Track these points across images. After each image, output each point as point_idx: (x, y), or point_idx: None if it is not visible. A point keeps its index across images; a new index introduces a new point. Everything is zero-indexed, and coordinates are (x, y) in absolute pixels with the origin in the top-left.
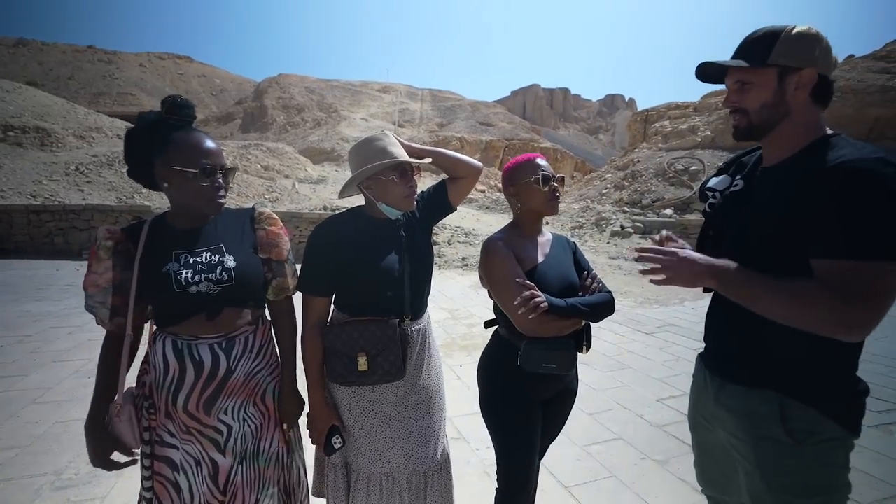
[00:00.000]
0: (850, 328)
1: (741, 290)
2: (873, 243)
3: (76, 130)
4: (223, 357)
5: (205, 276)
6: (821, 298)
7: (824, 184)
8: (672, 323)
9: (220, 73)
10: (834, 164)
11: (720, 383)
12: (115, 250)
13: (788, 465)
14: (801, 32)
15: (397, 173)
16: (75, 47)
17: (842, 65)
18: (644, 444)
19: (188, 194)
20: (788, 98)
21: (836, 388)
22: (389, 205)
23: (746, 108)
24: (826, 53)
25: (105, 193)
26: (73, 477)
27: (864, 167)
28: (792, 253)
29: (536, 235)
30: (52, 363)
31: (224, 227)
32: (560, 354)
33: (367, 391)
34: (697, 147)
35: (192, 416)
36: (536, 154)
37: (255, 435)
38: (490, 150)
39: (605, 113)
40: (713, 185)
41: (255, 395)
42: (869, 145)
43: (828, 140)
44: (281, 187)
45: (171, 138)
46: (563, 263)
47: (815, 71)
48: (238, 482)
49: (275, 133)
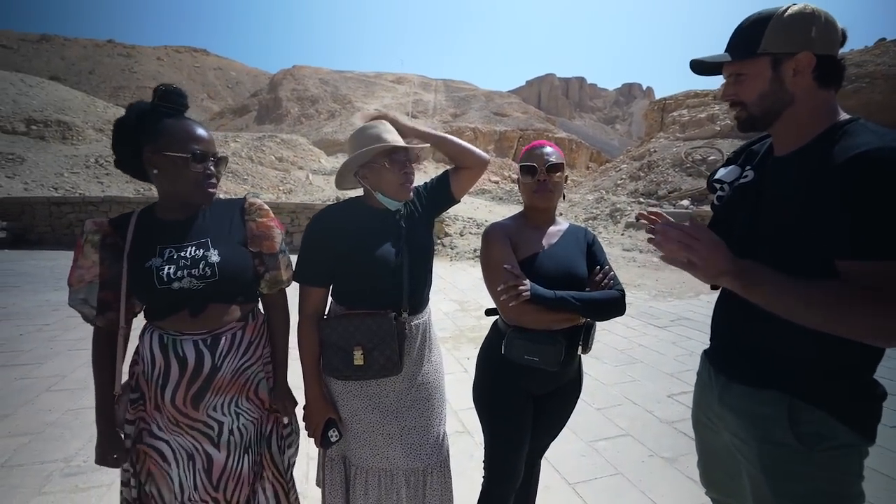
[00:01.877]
0: (892, 335)
1: (765, 298)
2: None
3: (96, 124)
4: (207, 354)
5: (188, 272)
6: (860, 305)
7: (845, 177)
8: (686, 317)
9: (235, 66)
10: (854, 154)
11: (725, 382)
12: (103, 244)
13: (796, 471)
14: (792, 14)
15: (388, 160)
16: (95, 42)
17: (872, 49)
18: (652, 441)
19: (178, 181)
20: (788, 85)
21: (849, 391)
22: (385, 194)
23: (744, 101)
24: (825, 31)
25: (123, 185)
26: (82, 464)
27: (889, 156)
28: (807, 250)
29: (546, 226)
30: (67, 352)
31: (212, 219)
32: (545, 348)
33: (364, 385)
34: (717, 136)
35: (181, 410)
36: (542, 142)
37: (257, 425)
38: (504, 140)
39: (621, 102)
40: (721, 176)
41: (247, 389)
42: (891, 131)
43: (844, 126)
44: (295, 179)
45: (161, 125)
46: (570, 255)
47: (811, 53)
48: (244, 472)
49: (289, 125)
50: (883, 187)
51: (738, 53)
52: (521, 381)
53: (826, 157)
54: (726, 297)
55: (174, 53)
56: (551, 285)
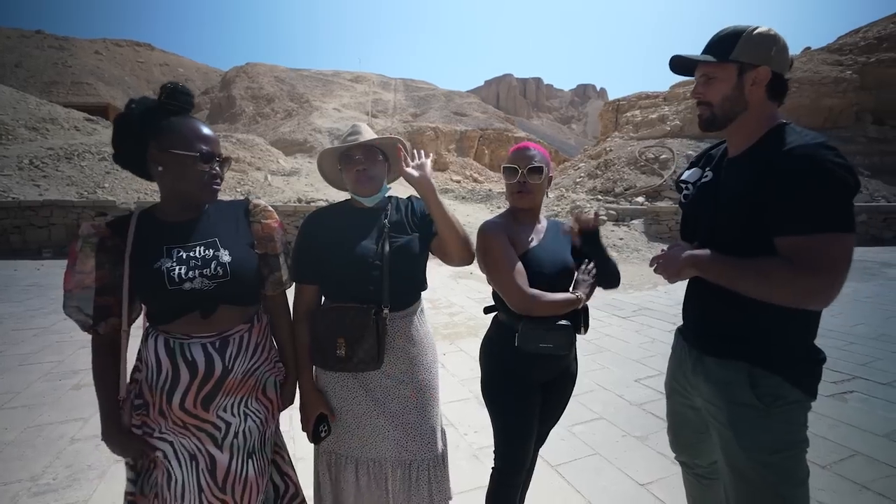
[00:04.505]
0: (813, 296)
1: (719, 276)
2: (822, 218)
3: (28, 122)
4: (217, 357)
5: (199, 272)
6: (784, 273)
7: (777, 169)
8: (647, 307)
9: (183, 62)
10: (784, 150)
11: (698, 355)
12: (101, 247)
13: (757, 425)
14: (760, 33)
15: (342, 161)
16: (22, 31)
17: (799, 57)
18: (624, 423)
19: (183, 180)
20: (746, 92)
21: (797, 358)
22: (352, 192)
23: (710, 101)
24: (781, 53)
25: (64, 188)
26: (52, 482)
27: (808, 152)
28: (756, 233)
29: (534, 222)
30: (18, 367)
31: (217, 219)
32: (557, 334)
33: (348, 377)
34: (667, 136)
35: (190, 412)
36: (528, 143)
37: (261, 429)
38: (465, 140)
39: (577, 103)
40: (686, 177)
41: (256, 389)
42: (811, 132)
43: (779, 129)
44: (253, 180)
45: (169, 122)
46: (561, 247)
47: (769, 69)
48: (251, 476)
49: (244, 124)
50: (803, 175)
51: (717, 55)
52: (530, 371)
53: (765, 153)
54: (695, 283)
55: (114, 47)
56: (548, 275)
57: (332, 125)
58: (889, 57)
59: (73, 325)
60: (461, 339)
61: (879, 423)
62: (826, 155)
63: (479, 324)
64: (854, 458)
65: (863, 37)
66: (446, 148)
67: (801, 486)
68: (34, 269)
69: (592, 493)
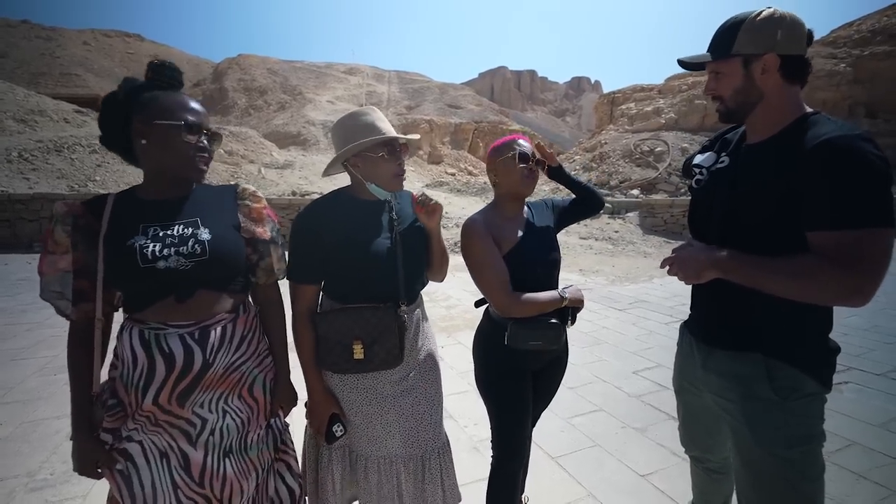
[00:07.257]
0: (854, 294)
1: (745, 279)
2: (864, 212)
3: (16, 114)
4: (197, 349)
5: (174, 250)
6: (822, 271)
7: (812, 160)
8: (643, 299)
9: (174, 53)
10: (820, 141)
11: (708, 350)
12: (76, 226)
13: (774, 419)
14: (763, 18)
15: (387, 150)
16: (7, 21)
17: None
18: (624, 414)
19: (167, 153)
20: (758, 82)
21: (813, 349)
22: (378, 185)
23: (722, 95)
24: (790, 33)
25: (54, 182)
26: (49, 477)
27: (849, 144)
28: (780, 227)
29: (519, 212)
30: (10, 362)
31: (202, 200)
32: (545, 333)
33: (360, 378)
34: (662, 129)
35: (164, 408)
36: (521, 136)
37: (240, 429)
38: (459, 133)
39: (571, 95)
40: (699, 161)
41: (240, 386)
42: (847, 123)
43: (808, 118)
44: (246, 173)
45: (154, 95)
46: (544, 234)
47: (776, 55)
48: (230, 474)
49: (237, 117)
50: (844, 168)
51: (716, 54)
52: (522, 361)
53: (794, 143)
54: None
55: (103, 38)
56: (539, 267)
57: (326, 118)
58: (882, 50)
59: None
60: (459, 332)
61: (875, 413)
62: (867, 147)
63: (475, 316)
64: (851, 448)
65: (856, 30)
66: (441, 140)
67: (817, 480)
68: (25, 263)
69: (594, 484)
